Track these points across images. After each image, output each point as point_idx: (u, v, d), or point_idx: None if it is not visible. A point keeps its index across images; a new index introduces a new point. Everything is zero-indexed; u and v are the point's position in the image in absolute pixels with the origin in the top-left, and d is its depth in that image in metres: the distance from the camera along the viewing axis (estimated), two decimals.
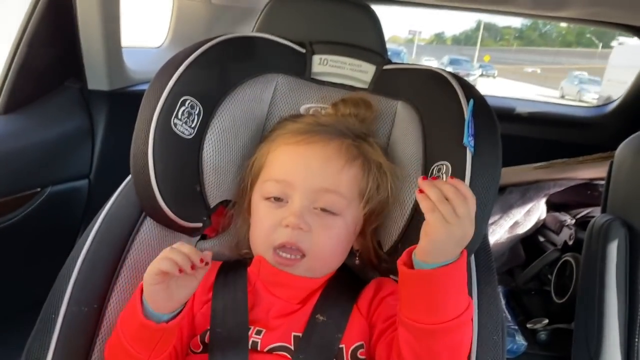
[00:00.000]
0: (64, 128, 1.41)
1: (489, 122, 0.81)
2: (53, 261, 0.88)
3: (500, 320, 0.79)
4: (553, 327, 1.46)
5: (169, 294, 0.66)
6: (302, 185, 0.75)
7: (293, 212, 0.74)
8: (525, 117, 2.15)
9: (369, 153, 0.80)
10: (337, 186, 0.75)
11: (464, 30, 64.75)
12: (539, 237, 1.82)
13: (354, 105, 0.86)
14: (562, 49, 38.41)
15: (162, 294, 0.66)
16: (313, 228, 0.74)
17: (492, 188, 0.76)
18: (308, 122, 0.82)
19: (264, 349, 0.72)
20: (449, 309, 0.63)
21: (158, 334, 0.66)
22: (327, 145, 0.77)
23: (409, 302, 0.64)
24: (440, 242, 0.61)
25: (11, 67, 1.29)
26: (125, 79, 1.59)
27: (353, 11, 0.97)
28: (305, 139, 0.78)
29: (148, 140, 0.78)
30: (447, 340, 0.64)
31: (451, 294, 0.63)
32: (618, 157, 1.30)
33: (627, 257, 1.15)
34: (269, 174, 0.79)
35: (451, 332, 0.63)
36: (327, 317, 0.73)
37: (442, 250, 0.62)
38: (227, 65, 0.87)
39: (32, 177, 1.32)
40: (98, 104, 1.51)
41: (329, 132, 0.78)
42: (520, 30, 52.93)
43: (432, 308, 0.63)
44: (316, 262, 0.76)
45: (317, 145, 0.77)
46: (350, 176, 0.77)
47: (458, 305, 0.63)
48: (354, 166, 0.77)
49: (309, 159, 0.75)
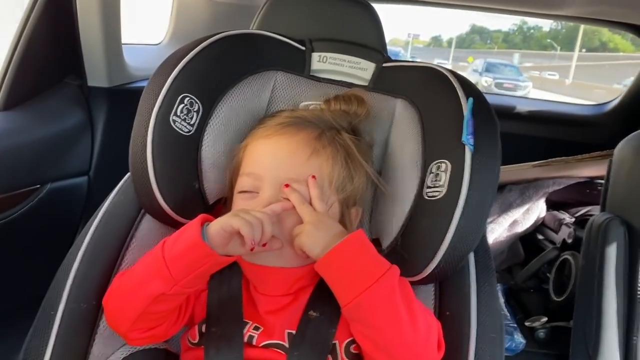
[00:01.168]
0: (64, 125, 1.41)
1: (489, 120, 0.81)
2: (52, 258, 0.88)
3: (499, 318, 0.79)
4: (552, 325, 1.46)
5: (224, 246, 0.68)
6: (269, 177, 0.75)
7: (260, 203, 0.74)
8: (524, 115, 2.16)
9: (340, 143, 0.79)
10: (304, 175, 0.75)
11: (460, 34, 67.53)
12: (538, 236, 1.83)
13: (345, 101, 0.87)
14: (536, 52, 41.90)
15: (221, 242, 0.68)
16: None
17: (491, 186, 0.76)
18: (284, 115, 0.83)
19: (259, 344, 0.72)
20: (357, 278, 0.67)
21: (206, 260, 0.67)
22: (295, 136, 0.78)
23: (334, 292, 0.70)
24: (311, 235, 0.71)
25: (11, 63, 1.29)
26: (125, 75, 1.59)
27: (353, 8, 0.97)
28: (275, 132, 0.79)
29: (147, 137, 0.78)
30: (377, 309, 0.66)
31: (352, 266, 0.68)
32: (617, 155, 1.30)
33: (626, 255, 1.16)
34: (243, 169, 0.80)
35: (374, 298, 0.66)
36: (320, 312, 0.74)
37: (316, 239, 0.71)
38: (227, 62, 0.87)
39: (31, 173, 1.32)
40: (98, 101, 1.51)
41: (299, 124, 0.79)
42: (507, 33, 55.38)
43: (346, 284, 0.68)
44: (286, 250, 0.75)
45: (285, 136, 0.78)
46: (316, 166, 0.77)
47: (368, 273, 0.67)
48: (320, 155, 0.77)
49: (275, 150, 0.76)
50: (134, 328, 0.72)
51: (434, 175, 0.78)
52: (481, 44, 60.80)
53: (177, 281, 0.67)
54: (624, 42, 35.47)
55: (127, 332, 0.72)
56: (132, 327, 0.71)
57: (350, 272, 0.68)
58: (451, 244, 0.74)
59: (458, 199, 0.74)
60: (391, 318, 0.66)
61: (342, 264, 0.69)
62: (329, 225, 0.72)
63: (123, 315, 0.71)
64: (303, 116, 0.82)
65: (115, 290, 0.74)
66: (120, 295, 0.72)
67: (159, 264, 0.68)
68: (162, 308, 0.71)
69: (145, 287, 0.68)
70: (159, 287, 0.67)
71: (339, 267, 0.69)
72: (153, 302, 0.68)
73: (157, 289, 0.68)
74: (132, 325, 0.71)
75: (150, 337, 0.74)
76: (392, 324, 0.66)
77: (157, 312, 0.71)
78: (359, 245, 0.70)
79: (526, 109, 2.18)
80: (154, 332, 0.74)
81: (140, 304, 0.69)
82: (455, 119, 0.79)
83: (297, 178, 0.75)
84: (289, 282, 0.77)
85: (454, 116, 0.79)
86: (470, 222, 0.74)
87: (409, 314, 0.66)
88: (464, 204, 0.74)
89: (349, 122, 0.84)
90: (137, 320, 0.70)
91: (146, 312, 0.69)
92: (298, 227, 0.73)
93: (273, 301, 0.76)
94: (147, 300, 0.68)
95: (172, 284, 0.67)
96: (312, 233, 0.71)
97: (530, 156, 1.81)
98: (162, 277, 0.67)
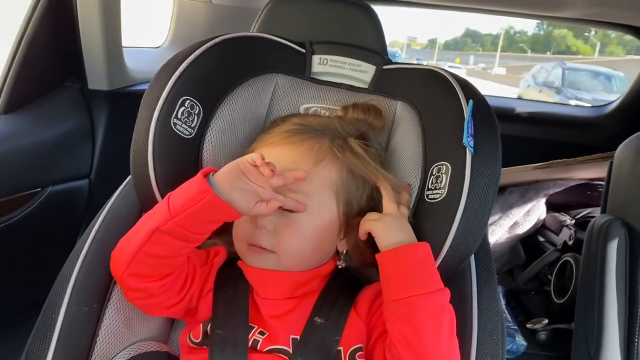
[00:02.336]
0: (65, 128, 1.41)
1: (489, 122, 0.81)
2: (53, 261, 0.88)
3: (500, 321, 0.79)
4: (553, 327, 1.46)
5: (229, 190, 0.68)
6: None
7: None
8: (525, 117, 2.16)
9: (345, 150, 0.79)
10: (304, 187, 0.75)
11: (455, 37, 70.43)
12: (539, 237, 1.83)
13: (363, 110, 0.86)
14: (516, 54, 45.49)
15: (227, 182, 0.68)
16: (278, 227, 0.74)
17: (491, 188, 0.76)
18: (293, 122, 0.83)
19: (263, 349, 0.72)
20: (418, 281, 0.69)
21: (203, 196, 0.66)
22: (300, 146, 0.77)
23: (387, 284, 0.71)
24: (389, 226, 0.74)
25: (12, 67, 1.29)
26: (125, 79, 1.59)
27: (353, 11, 0.97)
28: (281, 140, 0.79)
29: (148, 140, 0.78)
30: (427, 314, 0.67)
31: (418, 269, 0.71)
32: (618, 157, 1.30)
33: (626, 257, 1.15)
34: None
35: (428, 304, 0.68)
36: (325, 319, 0.73)
37: (393, 231, 0.74)
38: (227, 65, 0.87)
39: (32, 176, 1.32)
40: (98, 104, 1.51)
41: (304, 133, 0.79)
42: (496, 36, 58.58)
43: (406, 281, 0.69)
44: (284, 258, 0.76)
45: (289, 147, 0.78)
46: (318, 177, 0.76)
47: (428, 282, 0.70)
48: (322, 167, 0.77)
49: (278, 160, 0.74)
50: (130, 272, 0.70)
51: (434, 177, 0.78)
52: (472, 47, 64.31)
53: (174, 215, 0.66)
54: (584, 47, 42.68)
55: (123, 276, 0.70)
56: (128, 268, 0.70)
57: (414, 273, 0.70)
58: (452, 246, 0.74)
59: (459, 201, 0.74)
60: (435, 329, 0.68)
61: (409, 262, 0.71)
62: (406, 226, 0.76)
63: (123, 253, 0.70)
64: (310, 124, 0.81)
65: (124, 236, 0.73)
66: (125, 238, 0.72)
67: (161, 202, 0.69)
68: (158, 251, 0.69)
69: (145, 225, 0.69)
70: (156, 221, 0.67)
71: (404, 263, 0.71)
72: (150, 242, 0.67)
73: (154, 222, 0.67)
74: (128, 266, 0.69)
75: (144, 290, 0.72)
76: (434, 334, 0.67)
77: (153, 255, 0.69)
78: (427, 255, 0.73)
79: (527, 111, 2.18)
80: (148, 286, 0.71)
81: (138, 240, 0.68)
82: (455, 121, 0.79)
83: (295, 189, 0.74)
84: (290, 286, 0.77)
85: (455, 118, 0.79)
86: (471, 224, 0.74)
87: (450, 334, 0.69)
88: (465, 206, 0.74)
89: (357, 129, 0.83)
90: (134, 261, 0.69)
91: (143, 253, 0.68)
92: (373, 214, 0.77)
93: (275, 305, 0.76)
94: (144, 235, 0.68)
95: (167, 218, 0.67)
96: (390, 224, 0.74)
97: (530, 158, 1.81)
98: (161, 212, 0.68)
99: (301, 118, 0.85)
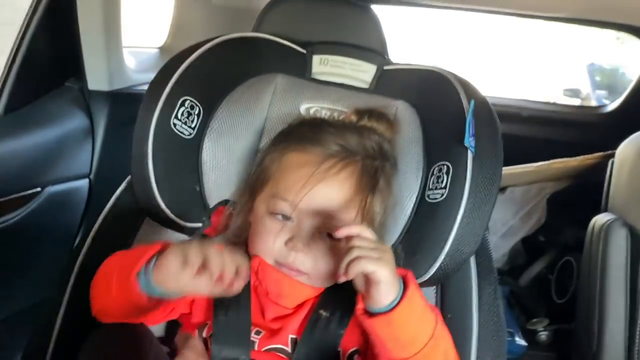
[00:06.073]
0: (65, 128, 1.41)
1: (490, 122, 0.80)
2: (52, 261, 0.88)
3: (501, 321, 0.79)
4: (554, 327, 1.46)
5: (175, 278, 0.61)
6: (311, 210, 0.72)
7: (299, 237, 0.72)
8: (526, 117, 2.15)
9: (381, 179, 0.77)
10: (344, 213, 0.73)
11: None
12: (540, 237, 1.83)
13: (377, 119, 0.84)
14: None
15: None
16: (315, 251, 0.72)
17: (493, 188, 0.76)
18: (330, 142, 0.76)
19: (261, 349, 0.72)
20: (418, 337, 0.64)
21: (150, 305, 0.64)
22: (341, 172, 0.73)
23: (383, 347, 0.65)
24: (384, 279, 0.62)
25: (12, 67, 1.29)
26: (125, 79, 1.59)
27: (353, 12, 0.97)
28: (314, 159, 0.74)
29: (148, 141, 0.78)
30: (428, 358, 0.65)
31: (416, 324, 0.65)
32: (619, 156, 1.30)
33: (628, 257, 1.15)
34: (279, 191, 0.75)
35: (430, 353, 0.64)
36: (331, 313, 0.73)
37: (389, 287, 0.62)
38: (227, 65, 0.87)
39: (32, 177, 1.32)
40: (98, 104, 1.51)
41: (346, 158, 0.74)
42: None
43: (406, 343, 0.64)
44: (315, 280, 0.74)
45: (331, 171, 0.73)
46: (357, 202, 0.74)
47: (426, 328, 0.65)
48: (361, 193, 0.74)
49: (316, 189, 0.71)
50: (104, 314, 0.70)
51: (435, 177, 0.78)
52: None
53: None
54: None
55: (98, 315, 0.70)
56: (100, 312, 0.70)
57: (410, 331, 0.64)
58: (453, 246, 0.74)
59: (460, 202, 0.74)
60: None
61: (403, 324, 0.64)
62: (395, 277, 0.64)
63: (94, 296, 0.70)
64: (345, 146, 0.76)
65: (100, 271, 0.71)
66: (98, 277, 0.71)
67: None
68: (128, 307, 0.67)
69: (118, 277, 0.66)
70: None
71: (399, 326, 0.64)
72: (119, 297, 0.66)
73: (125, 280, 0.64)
74: (99, 311, 0.70)
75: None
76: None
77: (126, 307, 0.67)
78: (419, 299, 0.65)
79: (528, 111, 2.18)
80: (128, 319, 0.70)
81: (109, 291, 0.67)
82: (456, 121, 0.78)
83: (337, 216, 0.72)
84: (303, 297, 0.75)
85: (456, 118, 0.79)
86: (472, 224, 0.74)
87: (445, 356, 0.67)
88: (466, 206, 0.74)
89: (379, 144, 0.80)
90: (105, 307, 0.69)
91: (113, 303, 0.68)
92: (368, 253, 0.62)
93: (281, 310, 0.75)
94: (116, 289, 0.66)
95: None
96: (390, 280, 0.63)
97: (532, 158, 1.81)
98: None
99: (339, 138, 0.77)
